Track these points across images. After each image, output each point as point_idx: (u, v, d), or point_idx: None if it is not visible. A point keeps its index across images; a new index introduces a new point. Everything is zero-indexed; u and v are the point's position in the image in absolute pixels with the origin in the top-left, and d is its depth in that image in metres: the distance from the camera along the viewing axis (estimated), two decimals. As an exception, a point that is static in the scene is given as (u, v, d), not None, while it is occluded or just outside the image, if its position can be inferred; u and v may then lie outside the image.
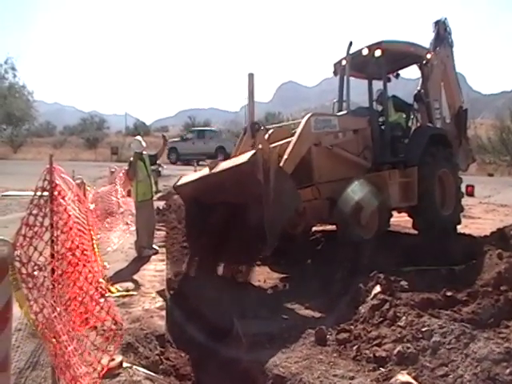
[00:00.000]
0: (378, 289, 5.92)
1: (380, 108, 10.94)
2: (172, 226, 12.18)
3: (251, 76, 7.82)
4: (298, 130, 8.42)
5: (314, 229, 11.20)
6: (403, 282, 6.09)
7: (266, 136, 8.62)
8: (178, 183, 8.90)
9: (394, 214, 10.33)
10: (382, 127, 10.24)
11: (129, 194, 10.81)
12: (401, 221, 11.62)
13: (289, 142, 8.32)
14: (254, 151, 7.01)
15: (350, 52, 9.92)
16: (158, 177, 26.27)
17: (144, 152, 9.83)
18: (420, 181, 9.73)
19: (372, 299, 5.74)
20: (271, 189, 6.98)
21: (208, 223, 7.99)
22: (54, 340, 3.06)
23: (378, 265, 6.89)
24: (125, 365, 4.40)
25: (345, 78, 10.52)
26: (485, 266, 6.52)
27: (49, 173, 3.44)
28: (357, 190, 8.54)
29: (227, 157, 10.01)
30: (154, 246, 9.62)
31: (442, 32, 11.91)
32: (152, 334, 5.41)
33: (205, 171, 8.11)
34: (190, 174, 8.98)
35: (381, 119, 10.48)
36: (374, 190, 8.93)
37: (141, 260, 8.95)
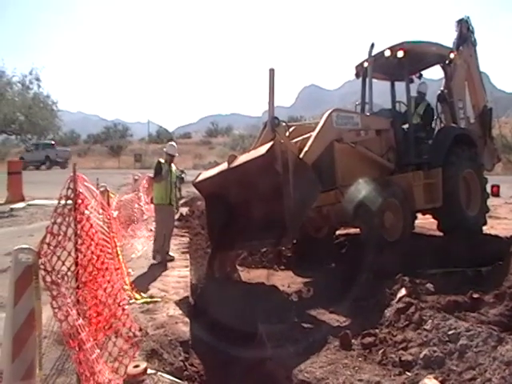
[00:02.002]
0: (403, 292, 5.86)
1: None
2: (195, 232, 12.25)
3: (272, 71, 7.83)
4: (320, 124, 8.35)
5: (337, 232, 11.17)
6: (429, 285, 6.03)
7: (287, 133, 8.81)
8: (197, 179, 8.94)
9: (419, 216, 10.24)
10: (405, 127, 10.17)
11: (152, 201, 10.87)
12: (425, 223, 11.50)
13: (309, 137, 8.25)
14: (271, 143, 6.97)
15: (372, 54, 9.89)
16: (181, 183, 26.48)
17: (173, 164, 10.13)
18: (444, 182, 9.65)
19: (397, 302, 5.68)
20: (291, 179, 6.93)
21: (229, 217, 8.10)
22: (77, 347, 3.09)
23: (403, 267, 6.83)
24: (149, 371, 4.41)
25: (367, 80, 10.41)
26: (512, 267, 6.42)
27: (72, 181, 3.48)
28: (378, 191, 8.45)
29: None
30: (170, 253, 9.76)
31: (464, 31, 11.83)
32: (176, 340, 5.42)
33: (223, 166, 8.11)
34: (210, 170, 8.93)
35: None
36: (397, 191, 8.89)
37: (164, 266, 9.00)
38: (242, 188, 7.57)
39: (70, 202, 3.41)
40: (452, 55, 10.94)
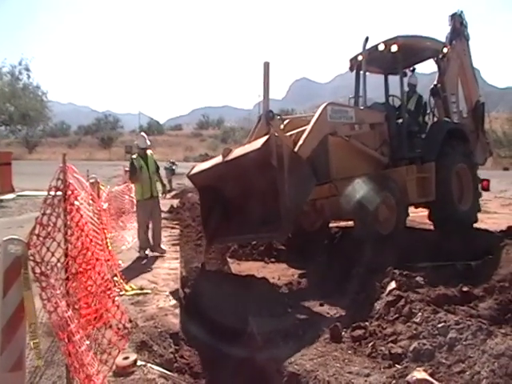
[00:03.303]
0: (393, 285, 5.87)
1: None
2: (186, 224, 12.24)
3: (266, 64, 7.84)
4: (314, 117, 8.33)
5: (330, 225, 11.18)
6: (419, 278, 6.03)
7: (282, 126, 8.82)
8: (192, 172, 8.92)
9: (411, 209, 10.28)
10: (399, 121, 10.16)
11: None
12: (416, 216, 11.54)
13: (304, 130, 8.24)
14: (266, 137, 6.95)
15: (366, 47, 9.81)
16: (172, 175, 26.45)
17: (149, 151, 9.94)
18: (437, 176, 9.71)
19: (387, 295, 5.68)
20: (286, 173, 6.89)
21: (223, 210, 8.20)
22: (66, 339, 3.07)
23: (394, 261, 6.85)
24: (139, 363, 4.41)
25: (361, 73, 10.47)
26: (501, 261, 6.46)
27: (62, 172, 3.45)
28: (374, 186, 8.46)
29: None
30: (162, 246, 9.75)
31: (457, 25, 11.81)
32: (166, 332, 5.42)
33: (218, 159, 8.09)
34: (204, 163, 8.95)
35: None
36: (392, 185, 8.93)
37: (155, 258, 8.99)
38: (237, 181, 7.61)
39: (59, 192, 3.38)
40: (445, 49, 10.93)
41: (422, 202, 10.15)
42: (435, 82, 11.54)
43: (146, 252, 9.40)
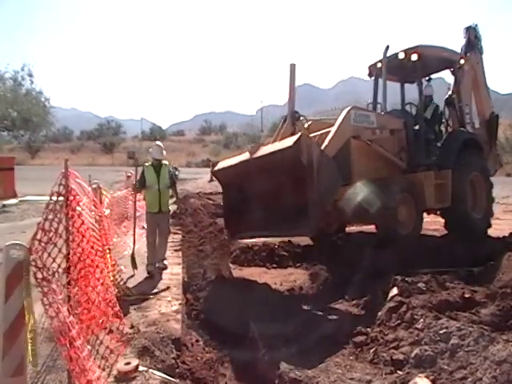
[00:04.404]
0: (394, 291, 5.87)
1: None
2: (188, 230, 12.22)
3: (293, 66, 8.26)
4: (338, 121, 8.55)
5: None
6: (421, 284, 6.04)
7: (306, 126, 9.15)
8: (217, 168, 9.33)
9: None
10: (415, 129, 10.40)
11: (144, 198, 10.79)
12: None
13: (327, 133, 8.48)
14: (298, 136, 7.19)
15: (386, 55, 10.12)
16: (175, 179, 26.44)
17: (165, 161, 8.91)
18: (453, 183, 9.97)
19: (389, 301, 5.69)
20: (315, 172, 7.13)
21: (246, 205, 8.49)
22: (68, 344, 3.08)
23: (396, 266, 6.85)
24: (141, 368, 4.41)
25: (379, 80, 10.90)
26: (503, 267, 6.45)
27: (64, 177, 3.46)
28: (395, 188, 8.89)
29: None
30: (164, 261, 8.84)
31: (472, 38, 12.13)
32: (168, 337, 5.40)
33: (244, 156, 8.37)
34: (229, 159, 9.23)
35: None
36: (411, 188, 9.31)
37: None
38: (264, 178, 7.85)
39: (61, 198, 3.39)
40: (462, 61, 11.29)
41: (438, 208, 10.39)
42: (450, 92, 11.78)
43: (155, 266, 8.57)
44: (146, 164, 8.80)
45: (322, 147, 7.88)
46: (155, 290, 7.19)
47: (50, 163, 52.26)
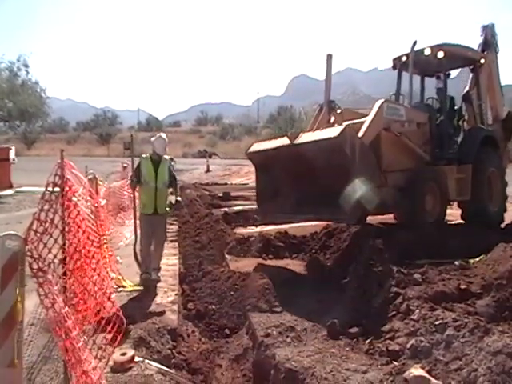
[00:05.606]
0: (390, 282, 5.87)
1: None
2: (184, 221, 12.20)
3: (329, 56, 8.74)
4: (373, 112, 8.78)
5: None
6: (416, 275, 6.05)
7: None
8: (251, 150, 9.74)
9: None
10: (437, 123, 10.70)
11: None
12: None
13: (360, 123, 8.71)
14: (343, 126, 7.68)
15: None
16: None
17: (166, 156, 7.96)
18: (473, 177, 10.32)
19: (385, 292, 5.70)
20: (357, 162, 7.55)
21: (279, 188, 9.04)
22: (64, 335, 3.07)
23: (392, 257, 6.85)
24: (137, 359, 4.41)
25: (402, 72, 11.52)
26: (499, 258, 6.46)
27: (60, 168, 3.44)
28: (424, 177, 9.29)
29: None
30: (158, 273, 7.59)
31: (489, 37, 12.30)
32: (164, 328, 5.42)
33: (283, 141, 8.63)
34: (263, 142, 9.79)
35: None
36: (437, 178, 9.64)
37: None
38: (302, 163, 8.07)
39: (57, 188, 3.37)
40: (483, 60, 11.63)
41: (459, 200, 10.81)
42: (467, 89, 12.02)
43: (151, 277, 7.38)
44: (144, 156, 7.74)
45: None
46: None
47: (46, 154, 52.04)
